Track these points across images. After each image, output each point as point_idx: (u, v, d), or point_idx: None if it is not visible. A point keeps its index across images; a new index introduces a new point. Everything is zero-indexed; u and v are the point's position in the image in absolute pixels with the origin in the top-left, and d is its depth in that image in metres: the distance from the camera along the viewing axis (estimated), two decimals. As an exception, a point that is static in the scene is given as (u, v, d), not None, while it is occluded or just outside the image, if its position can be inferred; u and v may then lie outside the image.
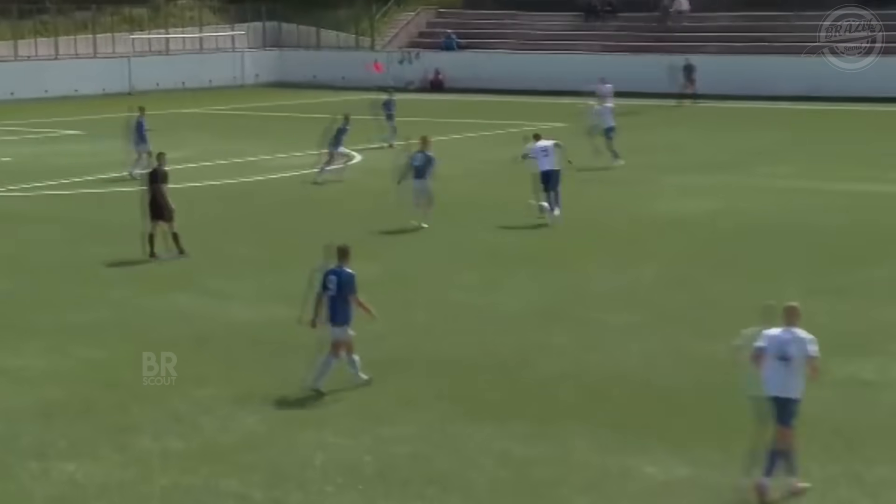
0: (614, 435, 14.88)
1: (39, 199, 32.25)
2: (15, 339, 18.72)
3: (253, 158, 39.44)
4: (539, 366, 17.63)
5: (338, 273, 16.51)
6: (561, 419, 15.42)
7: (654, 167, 36.49)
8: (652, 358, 17.92)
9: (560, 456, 14.31)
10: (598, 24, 67.57)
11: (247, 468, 14.03)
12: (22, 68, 61.82)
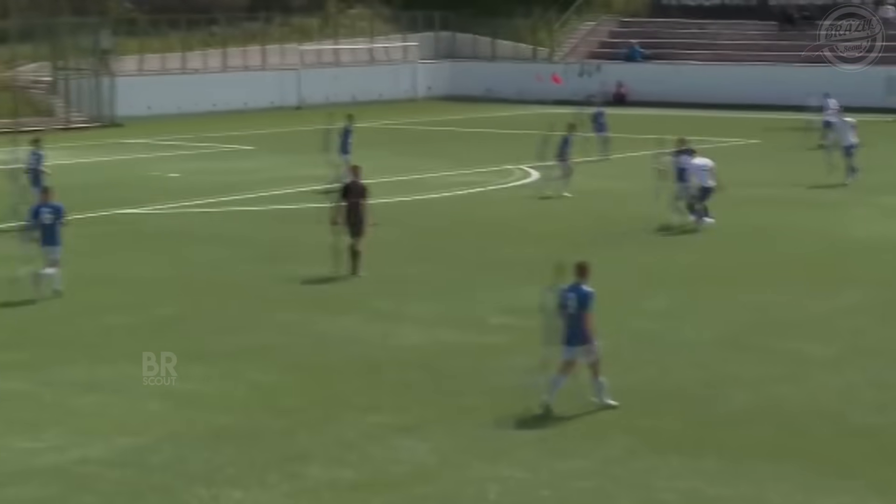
0: (814, 475, 14.62)
1: (207, 217, 33.07)
2: (183, 362, 19.20)
3: (424, 175, 39.83)
4: (729, 398, 17.44)
5: (576, 291, 16.66)
6: (754, 456, 15.21)
7: (863, 188, 35.81)
8: (852, 392, 17.58)
9: (755, 496, 14.11)
10: (795, 34, 66.50)
11: (418, 500, 14.17)
12: (190, 81, 63.43)
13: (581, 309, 16.63)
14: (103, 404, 17.05)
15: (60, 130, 56.50)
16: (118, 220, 32.18)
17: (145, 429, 16.25)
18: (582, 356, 16.69)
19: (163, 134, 52.66)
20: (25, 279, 23.46)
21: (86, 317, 22.31)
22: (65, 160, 44.16)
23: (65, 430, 16.11)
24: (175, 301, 23.59)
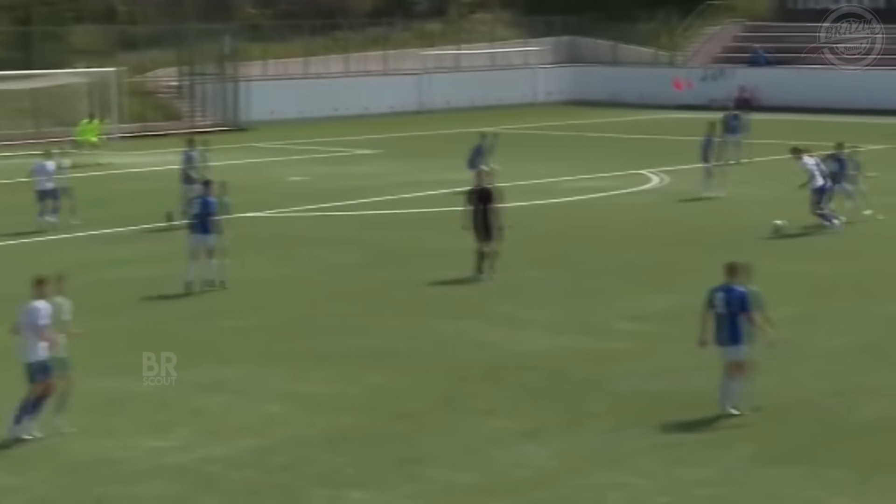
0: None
1: (329, 220, 33.35)
2: (305, 365, 19.41)
3: (544, 180, 39.76)
4: (858, 408, 17.16)
5: (727, 290, 16.61)
6: (884, 469, 14.93)
7: None
8: None
9: (888, 510, 13.88)
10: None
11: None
12: (313, 86, 64.03)
13: (731, 308, 16.54)
14: (227, 405, 17.27)
15: (187, 134, 57.44)
16: (241, 224, 32.52)
17: (267, 430, 16.43)
18: (733, 355, 16.59)
19: (286, 138, 53.23)
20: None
21: (210, 319, 22.62)
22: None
23: (190, 430, 16.35)
24: (298, 304, 23.83)
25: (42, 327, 15.92)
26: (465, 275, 25.39)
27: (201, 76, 60.62)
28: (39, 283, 16.23)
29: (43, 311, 15.94)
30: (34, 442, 15.93)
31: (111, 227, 31.95)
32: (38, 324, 15.90)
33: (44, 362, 16.03)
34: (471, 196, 25.85)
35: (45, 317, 15.92)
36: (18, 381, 16.40)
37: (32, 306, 16.04)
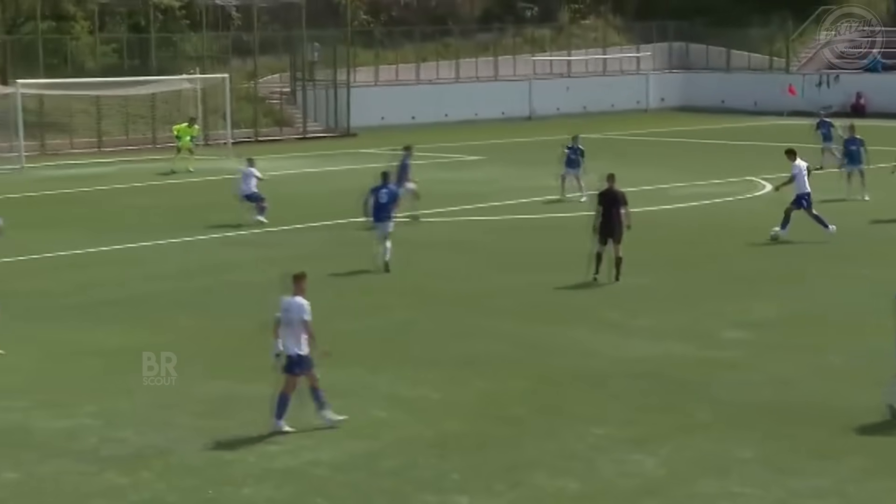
0: None
1: (441, 225, 33.47)
2: (414, 369, 19.50)
3: (655, 186, 39.53)
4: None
5: None
6: None
7: None
8: None
9: None
10: None
11: (646, 514, 14.07)
12: (423, 92, 64.30)
13: None
14: (336, 409, 17.37)
15: (297, 140, 57.99)
16: (348, 228, 32.80)
17: (375, 434, 16.52)
18: None
19: (395, 144, 53.37)
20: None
21: (320, 322, 22.71)
22: (300, 168, 45.29)
23: (299, 433, 16.48)
24: (408, 308, 23.95)
25: (306, 322, 16.48)
26: (573, 280, 25.34)
27: (312, 82, 61.17)
28: (298, 278, 16.85)
29: (305, 307, 16.56)
30: (146, 443, 16.18)
31: (233, 230, 32.38)
32: (303, 318, 16.49)
33: (304, 356, 16.53)
34: (599, 198, 25.92)
35: (307, 312, 16.55)
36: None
37: (293, 302, 16.60)
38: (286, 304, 16.75)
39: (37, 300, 24.69)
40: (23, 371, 19.47)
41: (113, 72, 54.72)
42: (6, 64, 54.43)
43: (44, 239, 31.21)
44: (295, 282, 16.92)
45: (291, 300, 16.75)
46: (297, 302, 16.69)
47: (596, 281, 25.32)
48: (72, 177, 44.90)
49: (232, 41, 61.06)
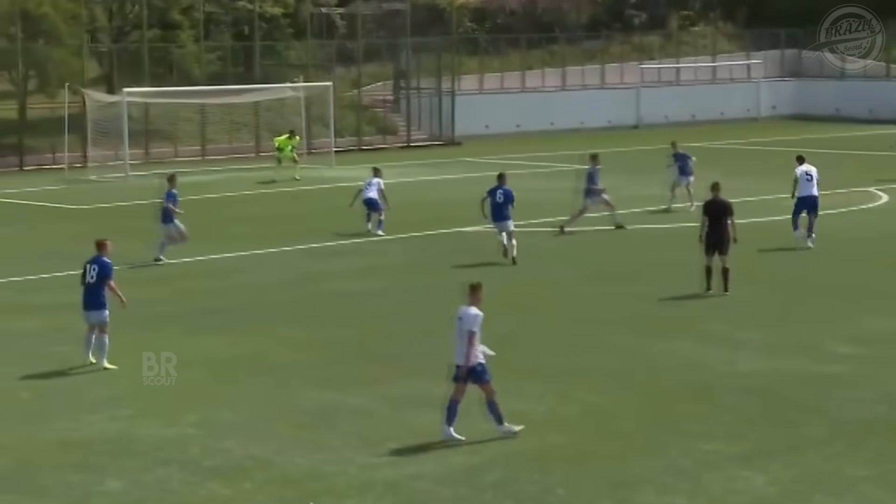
0: None
1: (542, 236, 33.41)
2: (518, 381, 19.46)
3: (765, 196, 39.11)
4: None
5: None
6: None
7: None
8: None
9: None
10: None
11: (754, 533, 13.92)
12: (529, 100, 64.27)
13: None
14: (437, 422, 17.40)
15: (401, 148, 58.28)
16: (455, 238, 32.89)
17: (478, 447, 16.52)
18: None
19: (500, 152, 53.53)
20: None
21: (420, 334, 22.88)
22: (404, 178, 45.46)
23: (400, 445, 16.55)
24: (509, 319, 23.90)
25: (472, 334, 16.70)
26: (680, 292, 25.21)
27: (416, 90, 61.43)
28: (474, 288, 17.18)
29: (476, 318, 16.77)
30: (248, 453, 16.33)
31: (325, 241, 32.61)
32: (471, 329, 16.70)
33: (482, 365, 16.73)
34: (704, 209, 25.75)
35: (476, 323, 16.77)
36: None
37: (467, 312, 16.87)
38: (461, 313, 16.92)
39: (140, 309, 25.00)
40: (127, 380, 19.76)
41: (217, 80, 55.45)
42: (113, 73, 55.33)
43: (146, 248, 31.64)
44: (471, 292, 17.09)
45: (466, 310, 16.91)
46: (470, 312, 16.85)
47: (709, 293, 25.15)
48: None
49: (336, 49, 61.55)
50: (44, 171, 50.13)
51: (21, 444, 16.69)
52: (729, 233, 25.41)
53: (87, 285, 20.15)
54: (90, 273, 20.10)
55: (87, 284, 20.13)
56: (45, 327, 23.35)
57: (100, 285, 20.08)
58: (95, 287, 20.07)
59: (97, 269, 20.08)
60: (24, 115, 52.93)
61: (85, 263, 20.32)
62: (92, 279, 20.06)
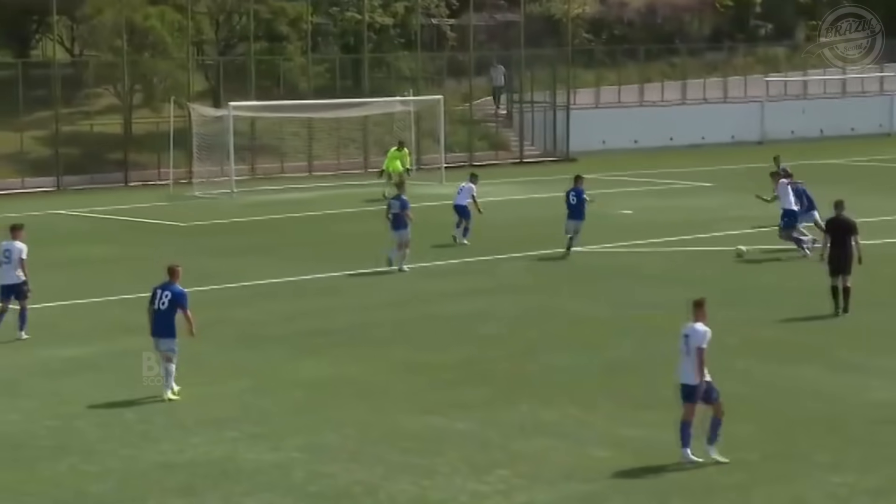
0: None
1: (659, 256, 33.20)
2: (634, 407, 19.35)
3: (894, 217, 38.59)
4: None
5: None
6: None
7: None
8: None
9: None
10: None
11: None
12: (647, 114, 63.92)
13: None
14: (549, 448, 17.37)
15: (513, 164, 58.27)
16: (569, 258, 32.77)
17: (593, 475, 16.43)
18: None
19: (616, 169, 53.27)
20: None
21: (531, 356, 22.84)
22: (517, 195, 45.44)
23: (510, 472, 16.50)
24: (624, 343, 23.80)
25: (700, 350, 16.80)
26: (802, 314, 24.89)
27: (530, 104, 61.42)
28: (698, 304, 17.28)
29: (705, 334, 16.90)
30: (354, 478, 16.39)
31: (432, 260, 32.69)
32: (699, 346, 16.83)
33: (699, 385, 16.77)
34: (827, 226, 25.46)
35: (706, 340, 16.87)
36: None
37: (694, 329, 16.97)
38: (687, 330, 16.97)
39: (244, 329, 25.30)
40: (231, 401, 19.96)
41: (325, 93, 55.85)
42: (219, 86, 56.03)
43: (251, 266, 31.99)
44: (696, 308, 17.18)
45: (693, 326, 16.97)
46: (698, 329, 16.91)
47: (837, 316, 24.83)
48: (282, 202, 45.92)
49: (447, 61, 61.75)
50: (148, 186, 50.85)
51: (125, 466, 16.92)
52: (853, 252, 25.06)
53: (157, 312, 20.07)
54: (161, 300, 20.05)
55: (158, 311, 20.06)
56: (150, 347, 23.60)
57: (171, 312, 20.05)
58: (167, 314, 20.03)
59: (170, 297, 20.01)
60: (130, 129, 53.77)
61: (155, 289, 20.28)
62: (164, 306, 20.01)
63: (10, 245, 24.09)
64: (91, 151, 52.70)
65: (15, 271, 23.87)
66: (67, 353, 23.22)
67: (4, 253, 24.01)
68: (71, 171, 51.50)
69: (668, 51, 67.74)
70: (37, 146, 52.40)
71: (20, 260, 23.93)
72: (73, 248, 35.27)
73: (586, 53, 65.51)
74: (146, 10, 54.07)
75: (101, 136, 53.44)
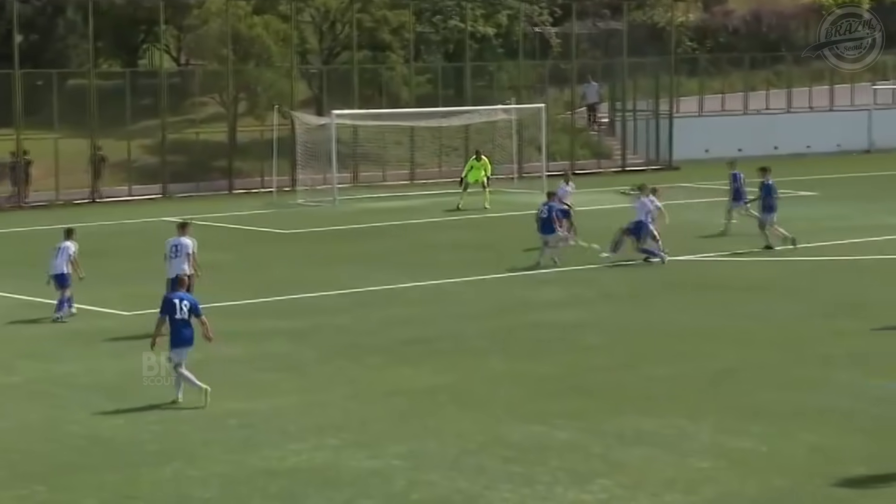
0: None
1: (761, 265, 32.92)
2: (738, 419, 19.16)
3: None
4: None
5: None
6: None
7: None
8: None
9: None
10: None
11: None
12: (751, 122, 63.39)
13: None
14: (650, 459, 17.25)
15: (616, 173, 58.02)
16: (670, 267, 32.59)
17: (695, 487, 16.28)
18: None
19: (720, 178, 52.76)
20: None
21: (631, 366, 22.72)
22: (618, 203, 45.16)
23: (611, 482, 16.41)
24: (725, 354, 23.60)
25: None
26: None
27: (633, 112, 61.15)
28: None
29: None
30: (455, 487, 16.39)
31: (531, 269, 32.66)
32: None
33: None
34: None
35: None
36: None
37: None
38: None
39: (344, 336, 25.43)
40: (333, 409, 20.06)
41: (427, 102, 56.03)
42: (322, 95, 56.41)
43: (352, 274, 32.16)
44: None
45: None
46: None
47: None
48: (383, 210, 46.12)
49: (549, 70, 61.66)
50: (252, 194, 51.32)
51: (228, 471, 17.06)
52: None
53: (180, 321, 20.14)
54: (181, 309, 20.14)
55: (181, 320, 20.15)
56: (252, 354, 23.86)
57: (190, 320, 20.24)
58: (187, 322, 20.19)
59: (189, 305, 20.20)
60: (234, 137, 54.31)
61: (170, 298, 20.35)
62: (185, 315, 20.14)
63: (178, 241, 25.68)
64: (196, 159, 53.32)
65: (183, 265, 25.11)
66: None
67: (172, 248, 25.59)
68: (177, 179, 52.13)
69: (773, 59, 67.10)
70: (144, 154, 53.11)
71: (189, 255, 25.47)
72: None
73: (690, 62, 65.09)
74: (251, 19, 54.63)
75: (206, 144, 54.06)
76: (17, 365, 22.41)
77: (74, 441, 18.44)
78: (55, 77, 50.87)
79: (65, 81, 52.97)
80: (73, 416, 19.70)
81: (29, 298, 28.82)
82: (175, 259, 25.43)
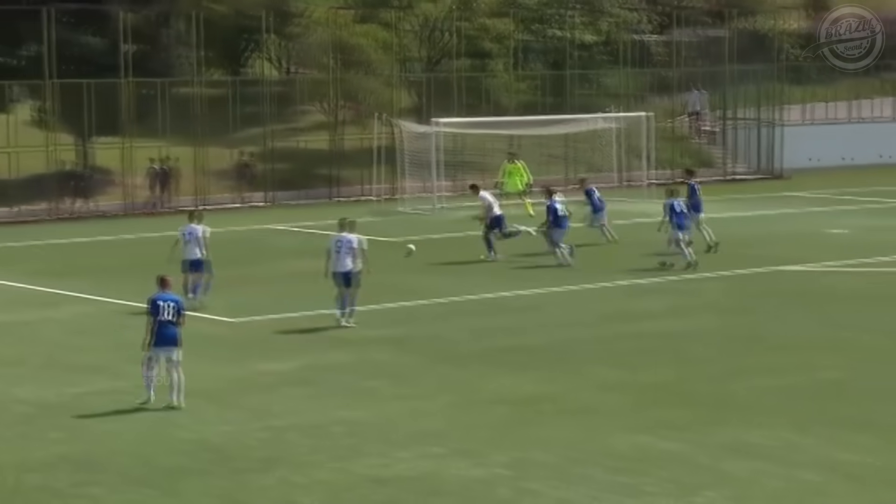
0: None
1: (873, 277, 32.53)
2: (847, 431, 18.94)
3: None
4: None
5: None
6: None
7: None
8: None
9: None
10: None
11: None
12: (858, 131, 62.63)
13: None
14: (758, 471, 17.09)
15: (720, 182, 57.54)
16: (777, 278, 32.31)
17: (804, 500, 16.12)
18: None
19: (826, 187, 52.33)
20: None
21: (739, 376, 22.53)
22: (724, 213, 44.84)
23: (718, 494, 16.28)
24: (836, 364, 23.33)
25: None
26: None
27: (734, 120, 60.65)
28: None
29: None
30: (560, 496, 16.36)
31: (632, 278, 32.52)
32: None
33: None
34: None
35: None
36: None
37: None
38: None
39: (445, 344, 25.48)
40: (437, 417, 20.10)
41: (529, 110, 55.95)
42: (424, 103, 56.56)
43: (448, 283, 32.20)
44: None
45: None
46: None
47: None
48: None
49: (653, 78, 61.33)
50: (353, 202, 51.54)
51: (333, 478, 17.14)
52: None
53: (165, 322, 20.52)
54: (167, 310, 20.52)
55: (166, 321, 20.52)
56: (357, 361, 23.98)
57: (176, 321, 20.60)
58: (173, 323, 20.55)
59: (174, 306, 20.61)
60: (339, 145, 54.60)
61: (155, 300, 20.63)
62: (171, 316, 20.52)
63: (342, 237, 27.06)
64: (300, 167, 53.67)
65: (354, 261, 26.76)
66: (279, 366, 23.66)
67: (338, 244, 26.95)
68: (281, 187, 52.49)
69: (882, 66, 66.21)
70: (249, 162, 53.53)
71: (361, 251, 27.04)
72: (283, 263, 35.99)
73: (796, 70, 64.45)
74: (354, 28, 54.93)
75: (310, 152, 54.39)
76: (126, 370, 22.69)
77: (183, 446, 18.64)
78: (161, 86, 51.45)
79: (170, 90, 53.59)
80: (181, 421, 19.91)
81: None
82: (347, 255, 26.76)
